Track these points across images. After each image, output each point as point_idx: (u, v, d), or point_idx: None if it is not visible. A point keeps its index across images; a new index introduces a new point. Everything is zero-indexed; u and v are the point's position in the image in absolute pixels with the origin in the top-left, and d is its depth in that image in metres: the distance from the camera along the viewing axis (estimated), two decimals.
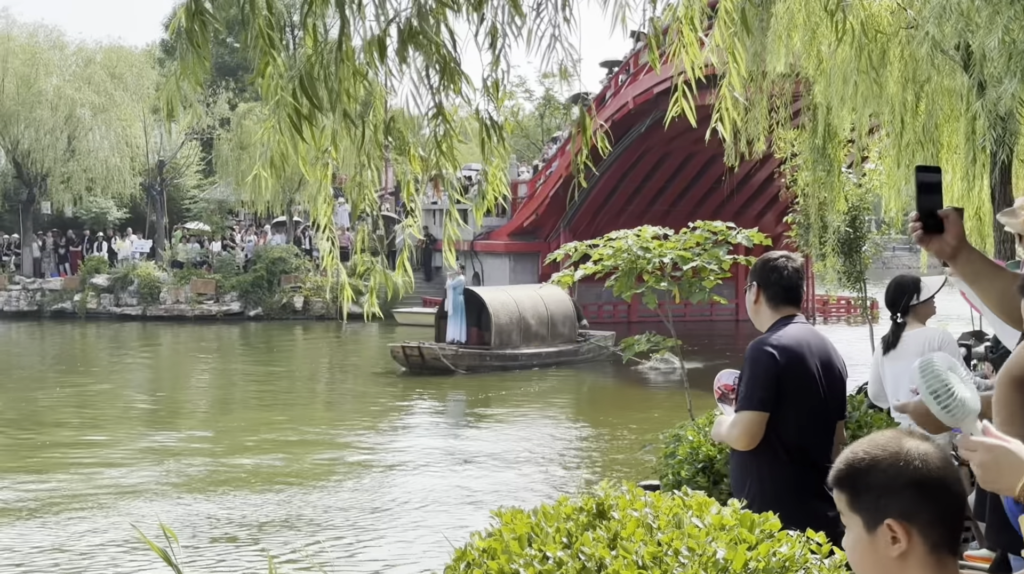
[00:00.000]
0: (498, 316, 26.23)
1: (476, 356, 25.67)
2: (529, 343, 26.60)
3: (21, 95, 40.54)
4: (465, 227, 6.81)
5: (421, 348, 24.95)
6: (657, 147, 34.86)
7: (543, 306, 27.24)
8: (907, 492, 1.86)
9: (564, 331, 27.65)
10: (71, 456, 16.73)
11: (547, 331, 27.14)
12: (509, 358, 26.04)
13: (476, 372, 24.99)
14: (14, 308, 40.63)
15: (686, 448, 5.43)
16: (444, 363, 24.71)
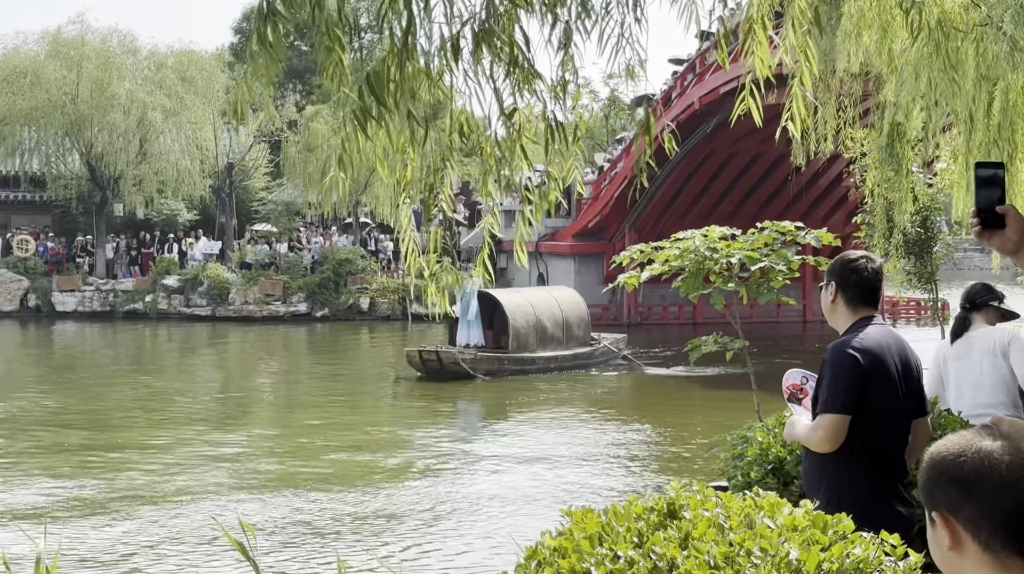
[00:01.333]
0: (515, 319, 25.70)
1: (494, 360, 25.18)
2: (545, 346, 26.16)
3: (95, 99, 41.27)
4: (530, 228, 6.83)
5: (439, 352, 24.51)
6: (723, 147, 34.65)
7: (558, 308, 26.78)
8: (952, 486, 1.88)
9: (579, 334, 27.23)
10: (143, 454, 17.01)
11: (562, 334, 26.68)
12: (527, 362, 25.59)
13: (495, 377, 24.57)
14: (88, 308, 41.41)
15: (755, 449, 5.38)
16: (463, 368, 24.17)
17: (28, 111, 41.41)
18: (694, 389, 23.91)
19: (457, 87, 4.69)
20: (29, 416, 20.42)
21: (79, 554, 11.47)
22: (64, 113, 41.31)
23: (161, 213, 45.48)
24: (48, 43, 42.74)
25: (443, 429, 19.88)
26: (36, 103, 41.23)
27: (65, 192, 43.39)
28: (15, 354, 33.21)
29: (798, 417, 4.38)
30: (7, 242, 43.54)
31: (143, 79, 43.31)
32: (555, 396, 23.09)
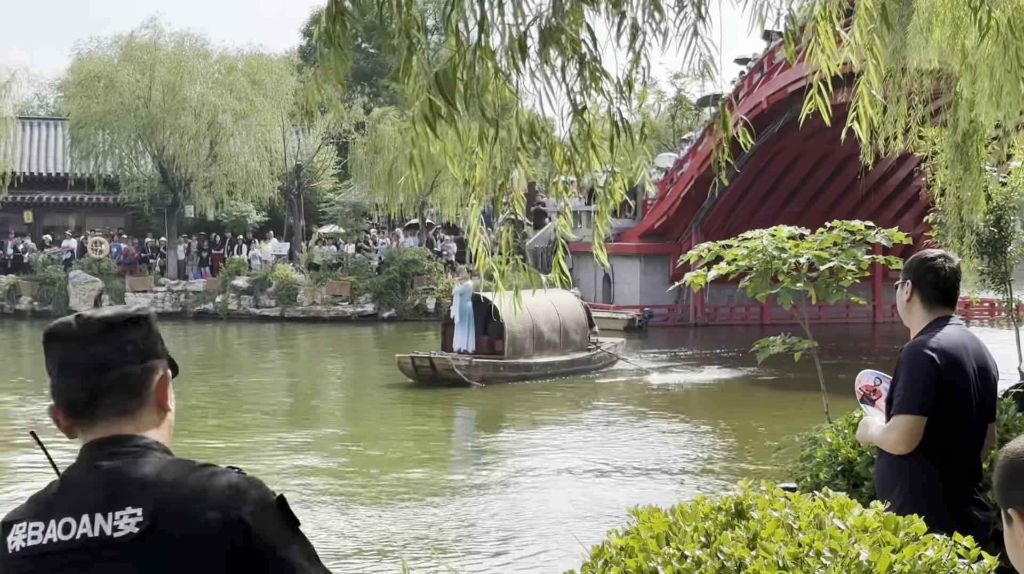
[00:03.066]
0: (511, 324, 24.54)
1: (489, 366, 24.16)
2: (542, 352, 25.14)
3: (167, 102, 41.91)
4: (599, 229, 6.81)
5: (432, 359, 23.58)
6: (791, 147, 34.33)
7: (555, 313, 25.61)
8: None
9: (576, 339, 26.18)
10: (210, 455, 17.24)
11: (560, 339, 25.69)
12: (523, 368, 24.65)
13: (490, 384, 23.73)
14: (159, 309, 42.04)
15: (824, 450, 5.34)
16: (457, 374, 23.26)
17: (102, 115, 42.18)
18: (758, 391, 23.71)
19: (523, 87, 4.70)
20: None
21: None
22: (137, 116, 42.01)
23: (231, 214, 46.05)
24: (122, 48, 43.48)
25: (507, 437, 19.92)
26: (110, 107, 41.97)
27: (138, 194, 44.14)
28: None
29: (871, 418, 4.33)
30: (82, 244, 44.39)
31: (214, 82, 43.87)
32: (591, 400, 23.02)
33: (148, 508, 2.03)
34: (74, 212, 47.96)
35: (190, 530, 2.02)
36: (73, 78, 44.58)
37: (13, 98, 44.91)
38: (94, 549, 2.02)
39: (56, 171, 47.70)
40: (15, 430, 19.16)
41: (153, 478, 2.07)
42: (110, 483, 2.08)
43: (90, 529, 2.04)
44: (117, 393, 2.16)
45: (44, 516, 2.08)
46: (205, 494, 2.05)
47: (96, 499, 2.06)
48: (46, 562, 2.04)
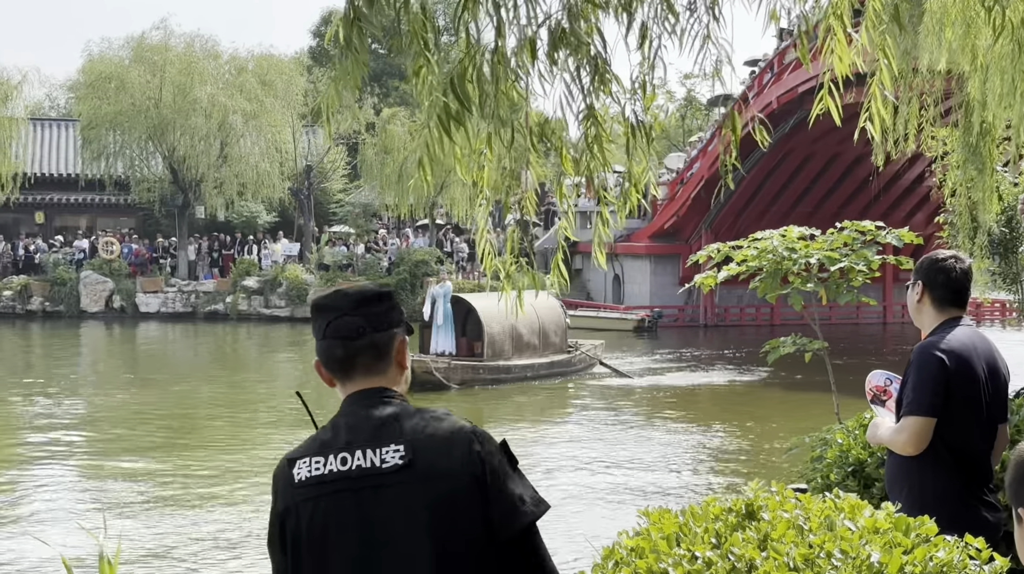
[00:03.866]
0: (490, 325, 24.11)
1: (469, 369, 23.69)
2: (521, 354, 24.62)
3: (177, 103, 42.00)
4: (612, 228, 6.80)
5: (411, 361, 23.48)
6: (801, 147, 34.30)
7: (534, 314, 24.85)
8: None
9: (555, 341, 25.76)
10: (220, 454, 17.29)
11: (539, 341, 25.19)
12: (502, 370, 24.17)
13: (469, 386, 23.30)
14: (170, 309, 42.16)
15: (835, 451, 5.33)
16: (436, 377, 22.70)
17: (113, 116, 42.30)
18: (768, 392, 23.68)
19: (533, 88, 4.71)
20: (112, 414, 20.85)
21: (145, 552, 11.67)
22: (148, 117, 42.12)
23: (241, 215, 46.14)
24: (133, 49, 43.59)
25: (529, 430, 19.94)
26: (121, 108, 42.09)
27: (148, 195, 44.25)
28: (101, 354, 33.95)
29: (882, 419, 4.33)
30: (93, 244, 44.52)
31: (224, 83, 43.96)
32: (588, 401, 22.99)
33: (408, 445, 2.58)
34: (85, 213, 48.10)
35: (441, 462, 2.56)
36: (84, 79, 44.72)
37: (24, 99, 45.04)
38: (366, 477, 2.57)
39: (67, 172, 47.84)
40: (25, 427, 19.24)
41: (408, 422, 2.63)
42: (375, 425, 2.63)
43: (363, 461, 2.58)
44: (368, 355, 2.71)
45: (323, 452, 2.62)
46: (450, 435, 2.60)
47: (365, 438, 2.61)
48: (326, 488, 2.58)
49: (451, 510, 2.55)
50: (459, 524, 2.55)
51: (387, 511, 2.56)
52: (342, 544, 2.57)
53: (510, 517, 2.58)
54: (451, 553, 2.54)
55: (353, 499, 2.57)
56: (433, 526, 2.54)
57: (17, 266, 43.74)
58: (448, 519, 2.55)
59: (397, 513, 2.56)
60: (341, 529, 2.57)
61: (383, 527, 2.56)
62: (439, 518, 2.55)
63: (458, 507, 2.55)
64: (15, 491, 14.59)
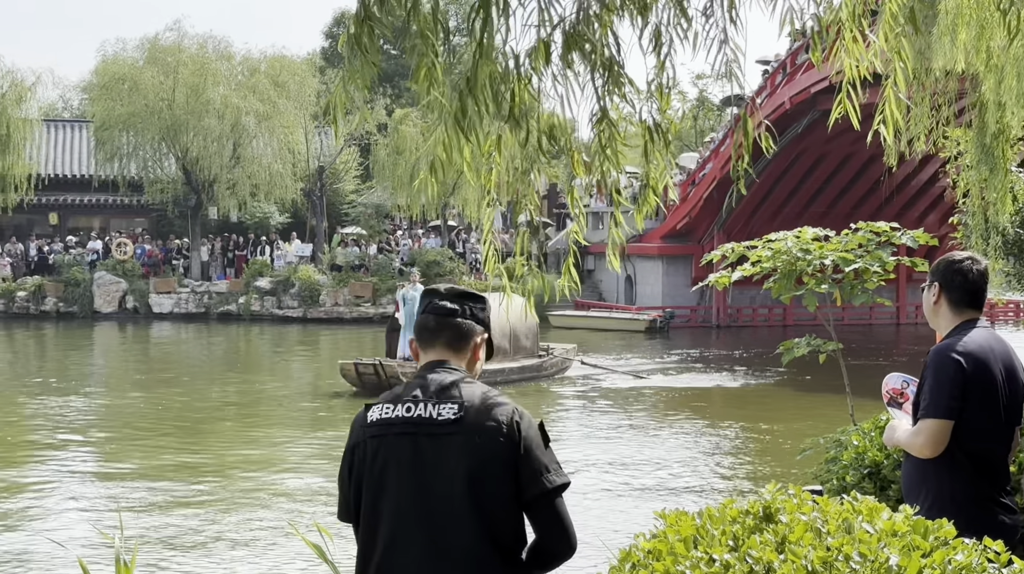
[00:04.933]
0: None
1: None
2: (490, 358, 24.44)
3: (190, 104, 42.11)
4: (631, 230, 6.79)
5: (377, 366, 22.26)
6: (814, 148, 34.23)
7: (504, 318, 24.06)
8: None
9: (527, 345, 25.27)
10: (231, 453, 17.33)
11: (509, 345, 24.51)
12: None
13: None
14: (183, 310, 42.27)
15: (851, 453, 5.32)
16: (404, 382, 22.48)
17: (126, 117, 42.44)
18: (782, 393, 23.64)
19: (545, 90, 4.71)
20: (126, 414, 20.92)
21: (161, 552, 11.70)
22: (161, 118, 42.23)
23: (254, 216, 46.24)
24: (146, 50, 43.72)
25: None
26: (134, 109, 42.23)
27: (161, 196, 44.37)
28: (115, 354, 34.05)
29: (898, 422, 4.32)
30: (106, 245, 44.66)
31: (237, 84, 44.06)
32: (588, 403, 22.94)
33: (461, 405, 3.17)
34: (98, 214, 48.26)
35: (485, 423, 3.14)
36: (98, 80, 44.87)
37: (38, 100, 45.29)
38: (424, 425, 3.17)
39: (81, 173, 48.01)
40: (39, 428, 19.31)
41: (466, 389, 3.22)
42: (439, 387, 3.22)
43: (423, 412, 3.18)
44: (452, 334, 3.34)
45: (393, 402, 3.25)
46: (496, 405, 3.17)
47: (428, 394, 3.21)
48: (390, 428, 3.19)
49: (487, 463, 3.11)
50: (491, 476, 3.11)
51: (436, 454, 3.14)
52: (397, 475, 3.16)
53: (534, 480, 3.12)
54: (482, 498, 3.10)
55: (411, 440, 3.16)
56: (471, 473, 3.10)
57: (31, 267, 43.91)
58: (483, 469, 3.10)
59: (444, 457, 3.13)
60: (398, 464, 3.17)
61: (431, 467, 3.14)
62: (476, 467, 3.11)
63: (493, 462, 3.11)
64: (31, 492, 14.64)
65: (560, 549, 3.19)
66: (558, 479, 3.15)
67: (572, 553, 3.20)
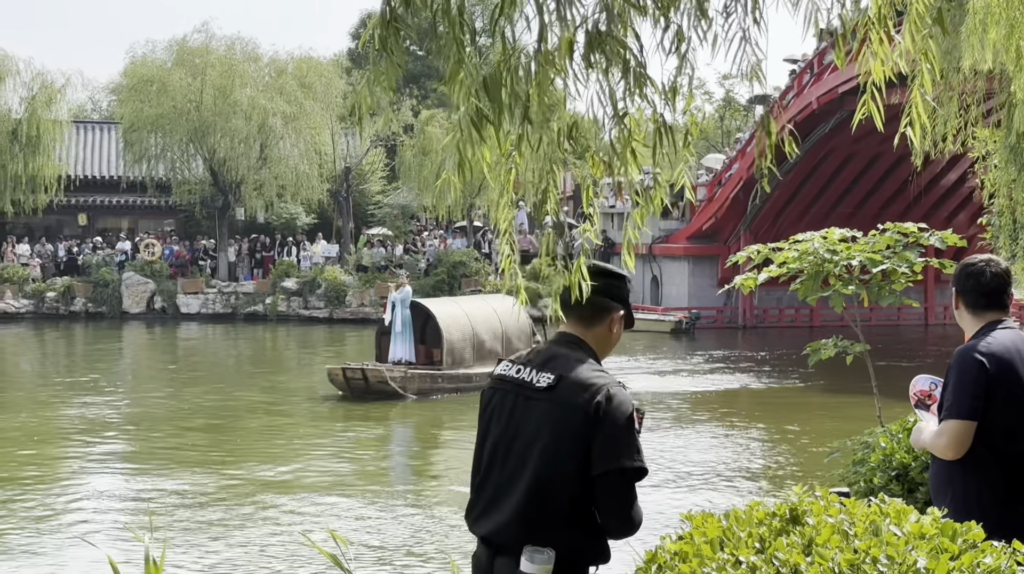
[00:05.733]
0: (449, 332, 23.04)
1: (427, 378, 22.62)
2: (483, 361, 23.21)
3: (218, 106, 42.28)
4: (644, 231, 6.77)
5: (365, 370, 22.03)
6: (841, 148, 34.05)
7: (496, 320, 24.05)
8: None
9: (519, 346, 24.08)
10: (259, 453, 17.41)
11: (502, 348, 23.85)
12: (462, 379, 22.85)
13: (427, 396, 22.33)
14: (211, 310, 42.48)
15: (878, 455, 5.30)
16: (392, 387, 21.79)
17: (155, 118, 42.66)
18: (809, 394, 23.52)
19: (567, 90, 4.71)
20: (155, 415, 21.04)
21: (190, 553, 11.76)
22: (189, 120, 42.44)
23: (280, 217, 46.40)
24: (175, 52, 43.93)
25: None
26: (162, 110, 42.44)
27: (189, 197, 44.61)
28: (143, 354, 34.26)
29: (926, 423, 4.31)
30: (134, 246, 44.95)
31: (264, 85, 44.21)
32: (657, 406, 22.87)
33: (557, 376, 3.45)
34: (127, 215, 48.55)
35: (572, 396, 3.39)
36: (126, 82, 45.12)
37: (68, 102, 45.59)
38: (523, 387, 3.52)
39: (109, 174, 48.33)
40: (69, 429, 19.45)
41: (568, 362, 3.49)
42: (549, 356, 3.55)
43: (527, 376, 3.53)
44: (586, 309, 3.58)
45: (514, 362, 3.62)
46: (589, 383, 3.41)
47: (538, 362, 3.55)
48: (503, 384, 3.59)
49: (562, 434, 3.38)
50: (563, 446, 3.38)
51: (525, 415, 3.49)
52: (496, 425, 3.57)
53: (604, 458, 3.33)
54: (547, 463, 3.39)
55: (512, 398, 3.54)
56: (549, 437, 3.40)
57: (60, 268, 44.23)
58: (557, 439, 3.38)
59: (530, 419, 3.47)
60: (499, 415, 3.57)
61: (519, 425, 3.50)
62: (551, 435, 3.40)
63: (568, 434, 3.37)
64: (61, 493, 14.75)
65: (614, 527, 3.41)
66: (630, 463, 3.34)
67: (630, 533, 3.40)
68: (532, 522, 3.37)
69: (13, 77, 43.50)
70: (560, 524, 3.36)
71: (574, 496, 3.36)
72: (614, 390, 3.38)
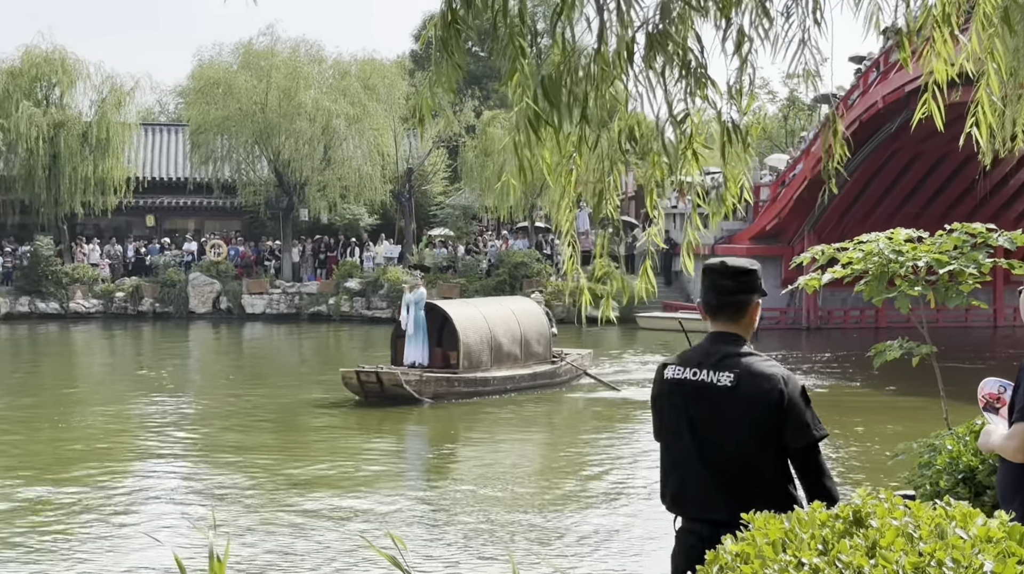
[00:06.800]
0: (466, 334, 22.62)
1: (442, 382, 22.08)
2: (500, 365, 23.00)
3: (283, 108, 42.71)
4: (705, 232, 6.75)
5: (380, 374, 21.57)
6: (908, 147, 33.57)
7: (515, 322, 23.65)
8: None
9: (539, 350, 24.02)
10: (323, 451, 17.55)
11: (520, 351, 23.54)
12: (479, 382, 22.52)
13: (442, 400, 21.83)
14: (275, 310, 42.94)
15: (945, 458, 5.23)
16: (407, 390, 21.30)
17: (221, 120, 43.20)
18: (873, 396, 23.23)
19: (628, 91, 4.70)
20: (221, 412, 21.31)
21: (254, 549, 11.87)
22: (254, 122, 42.92)
23: (344, 217, 46.76)
24: (241, 54, 44.44)
25: (608, 439, 19.87)
26: (228, 112, 42.96)
27: (254, 198, 45.14)
28: (208, 354, 34.71)
29: (994, 426, 4.25)
30: (201, 246, 45.57)
31: (328, 87, 44.58)
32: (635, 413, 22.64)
33: (737, 374, 3.94)
34: (193, 216, 49.24)
35: (756, 389, 3.90)
36: (193, 85, 45.77)
37: (136, 105, 46.38)
38: (705, 388, 3.97)
39: (176, 176, 49.05)
40: (137, 426, 19.77)
41: (742, 359, 3.97)
42: (720, 356, 3.99)
43: (705, 376, 3.97)
44: (731, 309, 4.07)
45: (683, 364, 4.07)
46: (767, 374, 3.93)
47: (710, 362, 4.00)
48: (680, 388, 4.03)
49: (756, 421, 3.89)
50: (760, 432, 3.89)
51: (714, 415, 3.95)
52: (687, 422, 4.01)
53: (797, 434, 3.91)
54: (754, 451, 3.90)
55: (696, 400, 3.98)
56: (744, 430, 3.90)
57: (128, 268, 44.97)
58: (753, 426, 3.89)
59: (720, 418, 3.94)
60: (686, 414, 4.00)
61: (710, 425, 3.96)
62: (746, 424, 3.90)
63: (761, 421, 3.89)
64: (128, 489, 14.99)
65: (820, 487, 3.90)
66: (817, 433, 3.95)
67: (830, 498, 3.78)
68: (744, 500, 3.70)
69: (84, 81, 44.40)
70: (764, 498, 3.69)
71: (773, 474, 3.91)
72: (786, 375, 3.94)
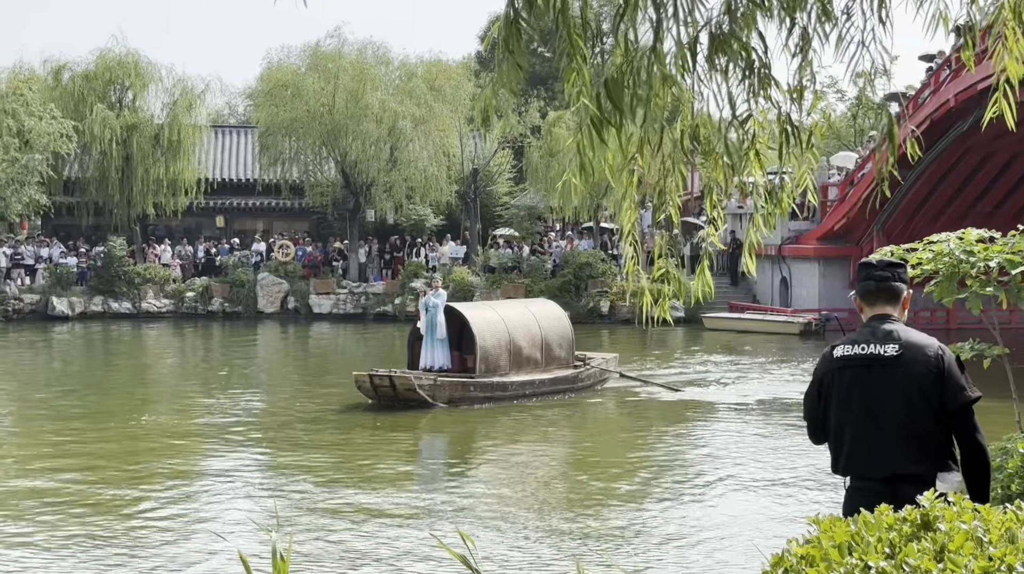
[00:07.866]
0: (484, 338, 22.11)
1: (458, 386, 21.56)
2: (520, 369, 22.50)
3: (350, 109, 43.06)
4: (771, 233, 6.69)
5: (392, 377, 21.10)
6: (980, 146, 32.99)
7: (536, 325, 23.17)
8: None
9: (560, 354, 23.43)
10: (386, 453, 17.65)
11: (541, 355, 22.98)
12: (497, 387, 21.97)
13: (457, 405, 21.29)
14: (342, 310, 43.30)
15: (1016, 461, 5.14)
16: (420, 395, 20.83)
17: (289, 122, 43.67)
18: None
19: (691, 90, 4.68)
20: (286, 411, 21.50)
21: (317, 549, 11.95)
22: (321, 123, 43.32)
23: (409, 218, 47.02)
24: (309, 57, 44.89)
25: (680, 444, 19.75)
26: (296, 114, 43.42)
27: (321, 199, 45.58)
28: (276, 354, 35.09)
29: None
30: (269, 247, 46.10)
31: (394, 89, 44.87)
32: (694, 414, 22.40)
33: (900, 345, 4.59)
34: (262, 216, 49.83)
35: (918, 358, 4.55)
36: (262, 87, 46.34)
37: (207, 107, 47.07)
38: (875, 358, 4.61)
39: (245, 177, 49.67)
40: (204, 424, 20.04)
41: (902, 333, 4.65)
42: (883, 333, 4.66)
43: (874, 350, 4.62)
44: (887, 294, 4.79)
45: (852, 344, 4.70)
46: (925, 344, 4.60)
47: (874, 338, 4.66)
48: (851, 362, 4.66)
49: (919, 385, 4.51)
50: (924, 396, 4.50)
51: (884, 378, 4.57)
52: (859, 392, 4.61)
53: (954, 397, 4.51)
54: (918, 411, 4.50)
55: (867, 369, 4.61)
56: (909, 395, 4.51)
57: (199, 268, 45.62)
58: (918, 392, 4.51)
59: (888, 384, 4.56)
60: (859, 385, 4.61)
61: (881, 387, 4.57)
62: (912, 391, 4.51)
63: (924, 387, 4.50)
64: (193, 488, 15.20)
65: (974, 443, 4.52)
66: (971, 395, 4.53)
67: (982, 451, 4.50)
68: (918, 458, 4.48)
69: (156, 84, 45.20)
70: (931, 456, 4.48)
71: (933, 432, 4.49)
72: (940, 343, 4.60)
